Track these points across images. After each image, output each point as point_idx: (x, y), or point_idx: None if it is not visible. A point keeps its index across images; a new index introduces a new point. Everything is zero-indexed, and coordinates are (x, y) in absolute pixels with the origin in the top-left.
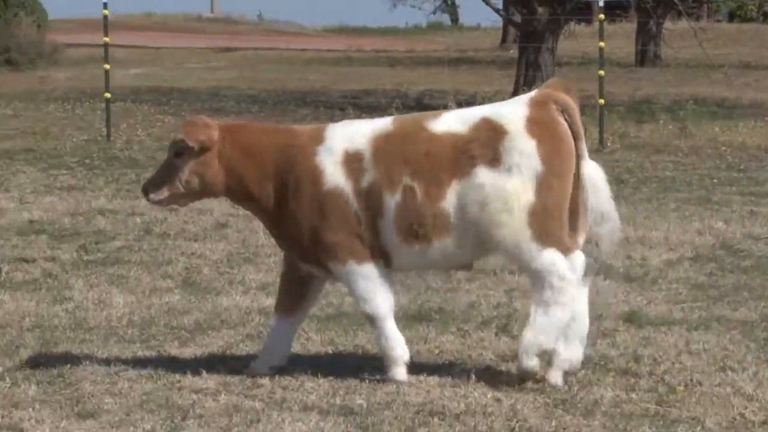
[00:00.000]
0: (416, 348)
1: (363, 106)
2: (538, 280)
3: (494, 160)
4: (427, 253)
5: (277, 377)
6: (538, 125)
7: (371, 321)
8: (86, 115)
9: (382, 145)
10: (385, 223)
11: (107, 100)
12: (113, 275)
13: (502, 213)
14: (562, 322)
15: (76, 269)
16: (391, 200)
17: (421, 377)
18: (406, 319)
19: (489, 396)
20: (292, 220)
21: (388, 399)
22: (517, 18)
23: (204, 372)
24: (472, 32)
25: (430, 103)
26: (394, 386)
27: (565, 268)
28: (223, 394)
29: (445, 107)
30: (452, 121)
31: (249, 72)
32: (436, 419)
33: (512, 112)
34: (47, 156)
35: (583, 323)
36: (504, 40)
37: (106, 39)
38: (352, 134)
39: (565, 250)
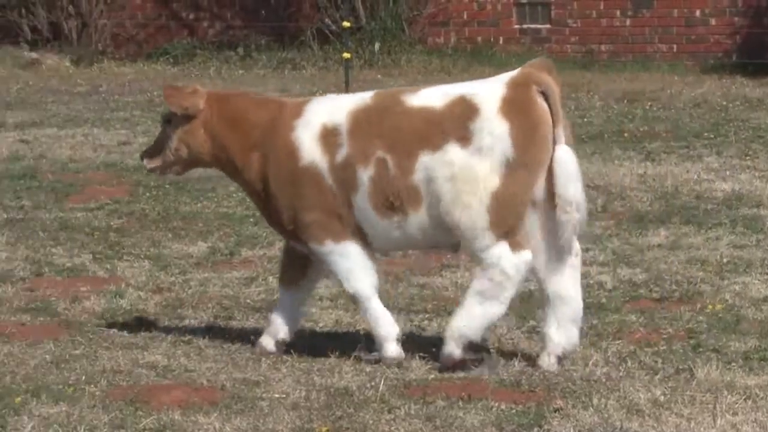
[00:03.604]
0: None
1: None
2: (480, 270)
3: (465, 138)
4: (405, 227)
5: None
6: (514, 107)
7: (355, 301)
8: None
9: (360, 118)
10: (360, 196)
11: None
12: None
13: (467, 194)
14: (494, 317)
15: None
16: (365, 173)
17: None
18: None
19: None
20: (273, 196)
21: None
22: None
23: None
24: None
25: None
26: None
27: (511, 265)
28: None
29: None
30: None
31: None
32: None
33: (489, 91)
34: None
35: (576, 305)
36: None
37: None
38: (332, 108)
39: (515, 246)
